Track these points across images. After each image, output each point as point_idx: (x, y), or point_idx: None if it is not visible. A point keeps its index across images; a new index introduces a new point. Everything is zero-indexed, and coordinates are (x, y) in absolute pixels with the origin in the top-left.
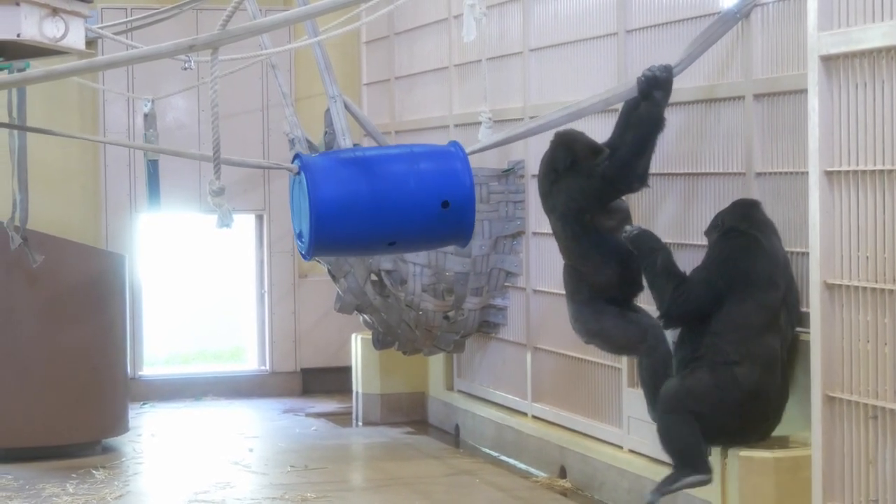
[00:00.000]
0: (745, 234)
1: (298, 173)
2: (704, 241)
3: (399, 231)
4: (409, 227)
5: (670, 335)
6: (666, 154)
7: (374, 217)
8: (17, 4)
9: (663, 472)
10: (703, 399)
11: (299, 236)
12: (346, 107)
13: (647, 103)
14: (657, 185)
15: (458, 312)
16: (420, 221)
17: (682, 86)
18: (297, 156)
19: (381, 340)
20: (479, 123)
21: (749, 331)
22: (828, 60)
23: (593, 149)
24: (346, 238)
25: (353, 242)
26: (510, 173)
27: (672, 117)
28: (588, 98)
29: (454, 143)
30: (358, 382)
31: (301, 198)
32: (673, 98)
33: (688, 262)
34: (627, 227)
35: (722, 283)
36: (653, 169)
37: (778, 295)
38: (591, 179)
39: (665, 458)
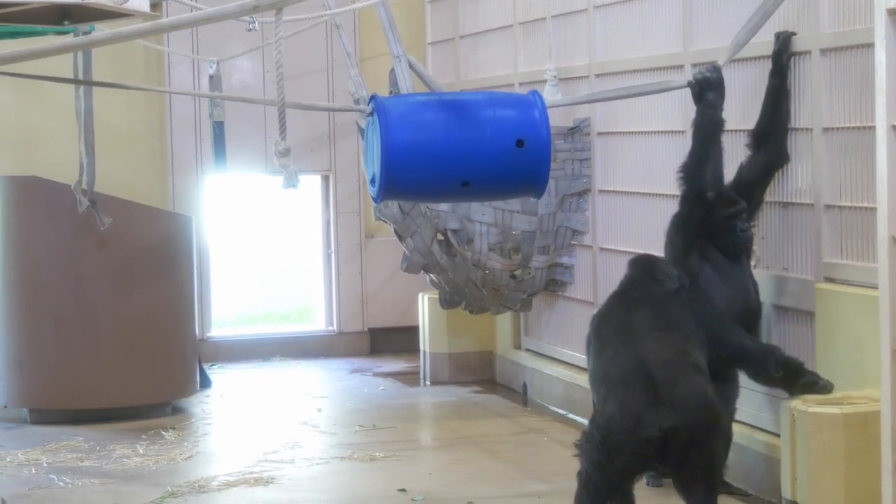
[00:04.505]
0: None
1: (371, 114)
2: (768, 197)
3: (472, 173)
4: (482, 169)
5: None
6: (733, 110)
7: (447, 160)
8: None
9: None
10: None
11: (372, 181)
12: (411, 66)
13: (702, 105)
14: (736, 140)
15: (525, 271)
16: (494, 164)
17: (749, 41)
18: (372, 97)
19: (448, 300)
20: (545, 81)
21: None
22: (895, 14)
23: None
24: (417, 181)
25: (425, 186)
26: (576, 131)
27: (739, 73)
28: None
29: (534, 92)
30: (425, 342)
31: (374, 140)
32: (740, 54)
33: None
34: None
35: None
36: (730, 125)
37: None
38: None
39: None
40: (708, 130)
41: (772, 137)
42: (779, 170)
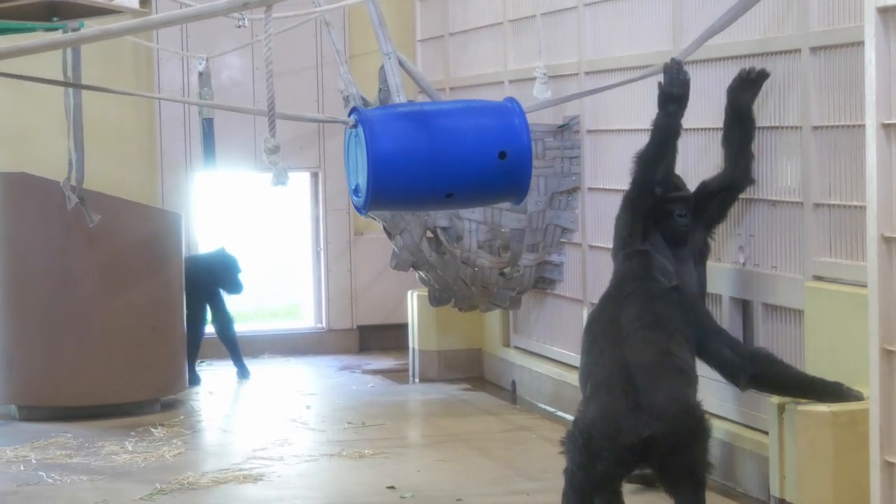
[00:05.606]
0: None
1: (355, 126)
2: (757, 195)
3: (456, 183)
4: (466, 178)
5: None
6: (721, 109)
7: (432, 170)
8: None
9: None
10: None
11: (355, 191)
12: (401, 63)
13: (664, 114)
14: (713, 138)
15: (514, 269)
16: (477, 173)
17: (737, 39)
18: (354, 109)
19: (438, 297)
20: (534, 79)
21: None
22: (885, 12)
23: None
24: (403, 192)
25: (410, 196)
26: (565, 129)
27: (728, 71)
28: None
29: (511, 99)
30: (414, 339)
31: (358, 151)
32: (728, 52)
33: (740, 219)
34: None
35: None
36: (709, 123)
37: None
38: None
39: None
40: (665, 135)
41: (741, 162)
42: (740, 192)
